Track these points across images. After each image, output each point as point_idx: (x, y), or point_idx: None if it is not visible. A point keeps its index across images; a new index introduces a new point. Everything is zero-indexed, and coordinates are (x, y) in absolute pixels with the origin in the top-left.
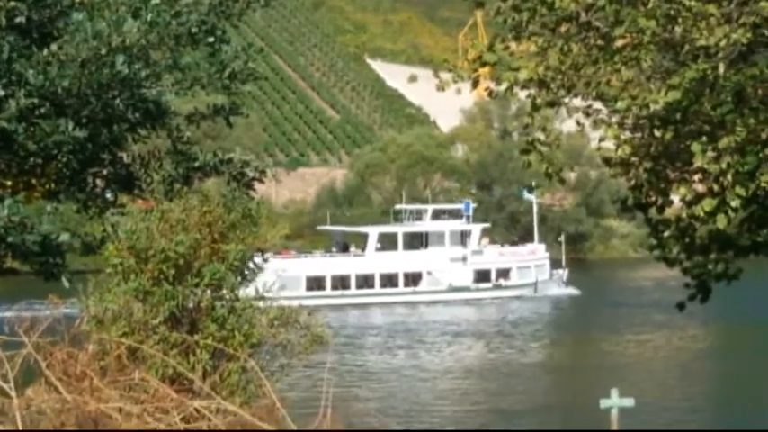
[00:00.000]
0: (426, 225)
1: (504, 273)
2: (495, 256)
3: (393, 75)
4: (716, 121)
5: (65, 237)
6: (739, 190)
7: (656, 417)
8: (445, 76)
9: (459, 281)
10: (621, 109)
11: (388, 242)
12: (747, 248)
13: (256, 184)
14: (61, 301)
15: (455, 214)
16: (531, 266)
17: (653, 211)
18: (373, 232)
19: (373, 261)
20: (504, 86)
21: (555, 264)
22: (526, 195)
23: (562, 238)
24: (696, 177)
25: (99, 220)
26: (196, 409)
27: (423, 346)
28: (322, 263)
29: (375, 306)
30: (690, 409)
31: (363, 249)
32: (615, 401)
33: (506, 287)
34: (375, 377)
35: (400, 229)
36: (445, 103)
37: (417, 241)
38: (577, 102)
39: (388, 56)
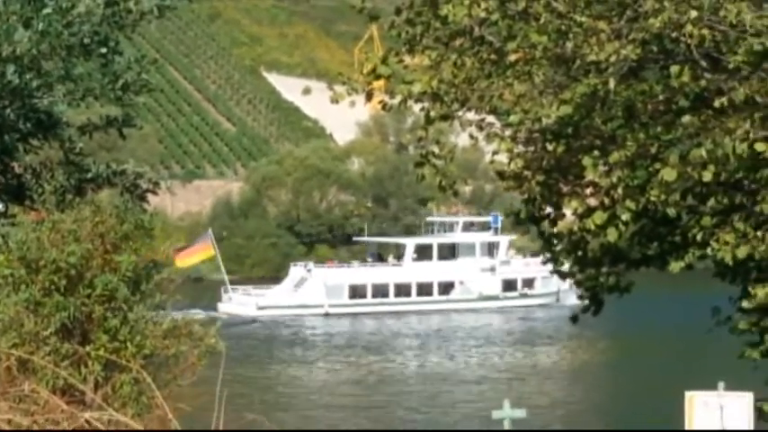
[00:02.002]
0: (458, 236)
1: (529, 282)
2: (521, 266)
3: (289, 88)
4: (607, 135)
5: None
6: (630, 203)
7: (548, 427)
8: (339, 88)
9: (489, 290)
10: (514, 123)
11: (421, 253)
12: (638, 261)
13: (151, 197)
14: None
15: (484, 226)
16: (554, 277)
17: (546, 225)
18: (410, 243)
19: (410, 271)
20: (397, 99)
21: None
22: None
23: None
24: (588, 191)
25: None
26: (87, 421)
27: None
28: (363, 272)
29: (411, 314)
30: (581, 420)
31: (398, 259)
32: (507, 413)
33: (532, 296)
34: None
35: (435, 241)
36: (341, 116)
37: (447, 252)
38: (471, 115)
39: (284, 69)
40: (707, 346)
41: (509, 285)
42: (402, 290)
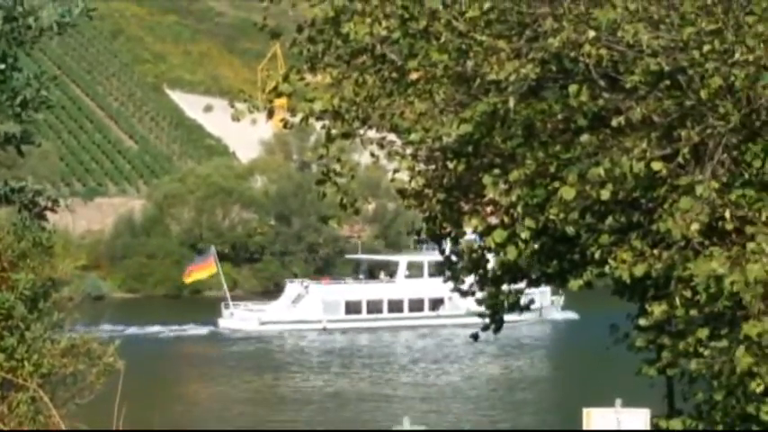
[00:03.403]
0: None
1: None
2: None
3: (192, 105)
4: (506, 153)
5: None
6: (529, 222)
7: None
8: (240, 106)
9: (476, 306)
10: (415, 141)
11: (412, 270)
12: (538, 279)
13: (52, 215)
14: None
15: None
16: (536, 293)
17: (447, 243)
18: (403, 260)
19: (403, 287)
20: (299, 117)
21: None
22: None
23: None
24: (488, 209)
25: None
26: None
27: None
28: (358, 289)
29: (403, 329)
30: None
31: (391, 276)
32: (407, 428)
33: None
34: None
35: (426, 258)
36: (244, 134)
37: (436, 269)
38: (372, 133)
39: (187, 86)
40: (606, 363)
41: None
42: (395, 306)
